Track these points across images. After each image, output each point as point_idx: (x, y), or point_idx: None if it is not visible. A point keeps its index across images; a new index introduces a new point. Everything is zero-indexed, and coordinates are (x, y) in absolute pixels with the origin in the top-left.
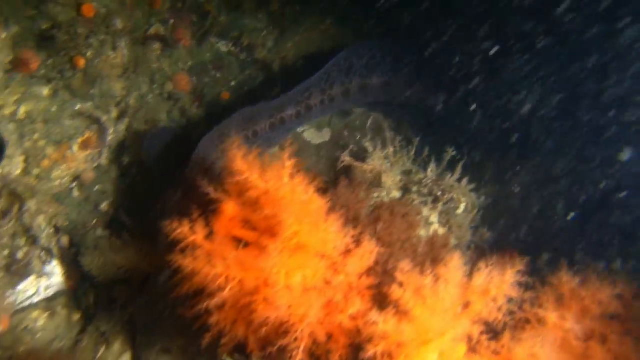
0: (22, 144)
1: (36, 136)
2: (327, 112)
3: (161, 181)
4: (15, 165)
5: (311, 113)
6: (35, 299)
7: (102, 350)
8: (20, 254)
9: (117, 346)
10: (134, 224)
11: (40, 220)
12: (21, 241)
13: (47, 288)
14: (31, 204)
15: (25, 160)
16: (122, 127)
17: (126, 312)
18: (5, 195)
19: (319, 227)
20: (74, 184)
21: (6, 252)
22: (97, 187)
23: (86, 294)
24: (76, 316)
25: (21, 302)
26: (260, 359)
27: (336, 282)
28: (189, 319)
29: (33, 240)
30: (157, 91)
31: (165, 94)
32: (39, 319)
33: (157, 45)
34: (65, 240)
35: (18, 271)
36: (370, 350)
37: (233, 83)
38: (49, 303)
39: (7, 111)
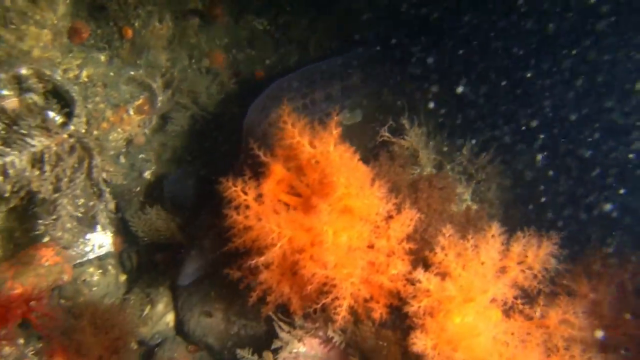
0: (85, 106)
1: (97, 99)
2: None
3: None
4: (80, 125)
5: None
6: (91, 256)
7: (147, 309)
8: (89, 207)
9: (160, 307)
10: (175, 195)
11: (104, 176)
12: (90, 194)
13: (100, 246)
14: (98, 160)
15: (87, 122)
16: (165, 98)
17: (167, 276)
18: (79, 149)
19: (364, 193)
20: (124, 150)
21: (77, 204)
22: (141, 155)
23: (130, 258)
24: (122, 277)
25: (81, 257)
26: (302, 318)
27: (379, 245)
28: (235, 279)
29: (99, 194)
30: (195, 65)
31: (203, 68)
32: (94, 275)
33: (195, 21)
34: (112, 205)
35: (86, 223)
36: (414, 305)
37: (267, 61)
38: (100, 261)
39: (72, 74)
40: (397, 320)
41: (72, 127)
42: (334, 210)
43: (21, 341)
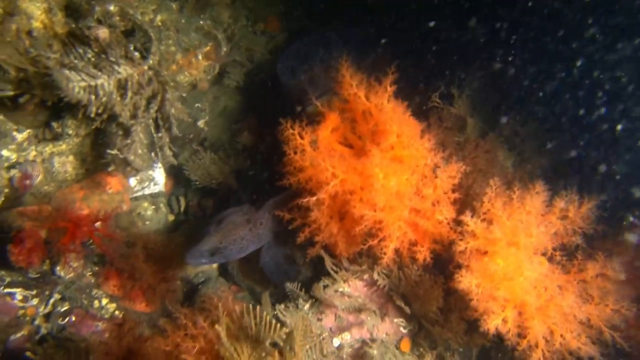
0: (159, 47)
1: (170, 42)
2: None
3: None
4: (155, 63)
5: None
6: (146, 191)
7: None
8: (158, 137)
9: None
10: (229, 142)
11: (173, 112)
12: (160, 125)
13: (155, 184)
14: (171, 95)
15: (158, 63)
16: (227, 50)
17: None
18: (155, 82)
19: (414, 143)
20: (184, 94)
21: (148, 133)
22: (197, 105)
23: (178, 201)
24: (171, 217)
25: (137, 191)
26: (347, 262)
27: (425, 193)
28: (285, 221)
29: (168, 127)
30: (250, 28)
31: (258, 31)
32: (148, 210)
33: None
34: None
35: (156, 152)
36: (461, 246)
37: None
38: (153, 199)
39: (147, 18)
40: (439, 265)
41: (150, 61)
42: (385, 157)
43: (81, 261)
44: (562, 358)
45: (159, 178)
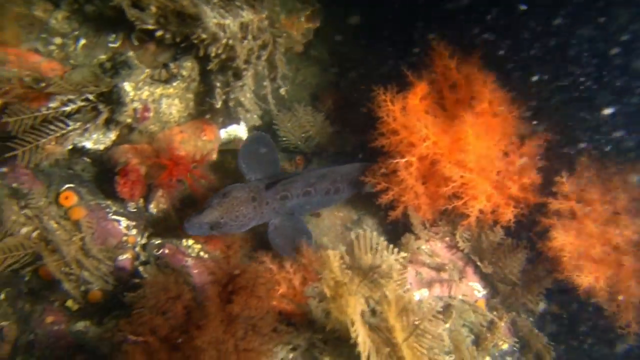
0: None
1: (275, 1)
2: None
3: None
4: None
5: None
6: (231, 146)
7: None
8: (263, 85)
9: None
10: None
11: (279, 64)
12: (266, 75)
13: (239, 140)
14: (279, 45)
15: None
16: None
17: None
18: (268, 32)
19: (503, 111)
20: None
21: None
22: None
23: None
24: None
25: (224, 144)
26: (429, 224)
27: (512, 158)
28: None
29: (274, 77)
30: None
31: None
32: (232, 163)
33: None
34: None
35: (259, 99)
36: (553, 206)
37: None
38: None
39: None
40: (519, 230)
41: (267, 12)
42: (476, 121)
43: (169, 203)
44: None
45: (243, 135)
